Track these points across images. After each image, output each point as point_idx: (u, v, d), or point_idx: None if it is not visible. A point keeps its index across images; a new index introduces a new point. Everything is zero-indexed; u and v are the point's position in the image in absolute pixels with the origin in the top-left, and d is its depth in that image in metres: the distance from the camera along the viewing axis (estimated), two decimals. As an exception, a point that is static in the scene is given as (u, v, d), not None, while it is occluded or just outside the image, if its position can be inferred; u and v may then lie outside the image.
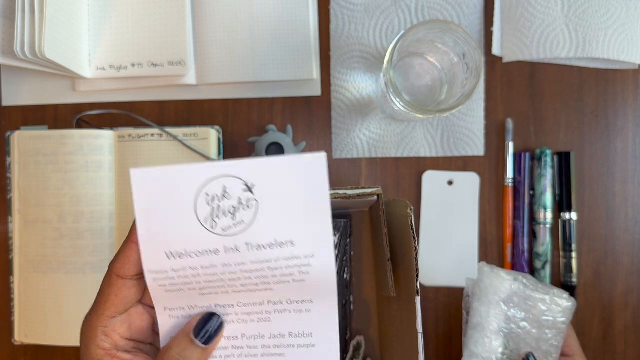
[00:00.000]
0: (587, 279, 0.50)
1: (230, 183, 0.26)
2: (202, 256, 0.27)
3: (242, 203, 0.26)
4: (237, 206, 0.26)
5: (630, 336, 0.50)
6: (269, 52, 0.50)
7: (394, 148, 0.51)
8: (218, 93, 0.51)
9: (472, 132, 0.51)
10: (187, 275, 0.27)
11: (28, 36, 0.43)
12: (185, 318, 0.29)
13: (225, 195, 0.26)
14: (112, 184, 0.50)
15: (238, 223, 0.26)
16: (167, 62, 0.50)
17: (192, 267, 0.27)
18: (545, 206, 0.49)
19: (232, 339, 0.30)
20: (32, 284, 0.50)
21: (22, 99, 0.52)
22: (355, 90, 0.51)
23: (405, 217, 0.42)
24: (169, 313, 0.29)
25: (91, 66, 0.50)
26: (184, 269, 0.27)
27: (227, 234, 0.27)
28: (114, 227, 0.50)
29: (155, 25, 0.50)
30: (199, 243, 0.27)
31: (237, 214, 0.26)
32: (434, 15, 0.50)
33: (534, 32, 0.49)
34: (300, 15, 0.50)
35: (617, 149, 0.50)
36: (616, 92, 0.51)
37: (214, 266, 0.27)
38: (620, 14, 0.48)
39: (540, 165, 0.49)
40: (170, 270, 0.27)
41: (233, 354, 0.30)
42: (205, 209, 0.26)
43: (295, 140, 0.51)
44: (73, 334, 0.49)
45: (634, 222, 0.50)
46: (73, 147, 0.49)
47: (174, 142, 0.50)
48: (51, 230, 0.49)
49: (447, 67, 0.46)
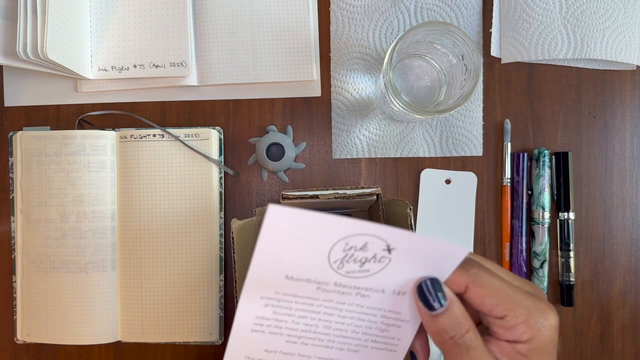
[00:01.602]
0: (584, 278, 0.51)
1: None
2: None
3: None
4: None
5: (628, 335, 0.51)
6: (270, 53, 0.51)
7: (393, 148, 0.51)
8: (219, 94, 0.52)
9: (470, 132, 0.51)
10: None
11: (30, 37, 0.43)
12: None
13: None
14: (114, 183, 0.50)
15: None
16: (168, 63, 0.50)
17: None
18: (543, 206, 0.49)
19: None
20: (35, 283, 0.50)
21: (24, 99, 0.53)
22: (355, 91, 0.51)
23: (405, 216, 0.42)
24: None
25: (93, 67, 0.51)
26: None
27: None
28: (116, 226, 0.50)
29: (157, 26, 0.50)
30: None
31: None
32: (433, 16, 0.51)
33: (532, 33, 0.50)
34: (300, 17, 0.51)
35: (615, 149, 0.51)
36: (614, 93, 0.51)
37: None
38: (618, 15, 0.49)
39: (538, 166, 0.50)
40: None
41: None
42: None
43: (296, 140, 0.52)
44: (75, 333, 0.49)
45: (632, 222, 0.51)
46: (75, 147, 0.49)
47: (176, 142, 0.50)
48: (53, 229, 0.49)
49: (445, 68, 0.47)
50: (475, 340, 0.27)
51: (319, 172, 0.52)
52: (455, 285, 0.28)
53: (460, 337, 0.27)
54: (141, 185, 0.50)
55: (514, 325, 0.27)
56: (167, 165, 0.50)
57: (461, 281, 0.28)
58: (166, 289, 0.49)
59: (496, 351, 0.28)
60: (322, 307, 0.29)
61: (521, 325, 0.27)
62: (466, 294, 0.28)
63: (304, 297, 0.28)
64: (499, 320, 0.27)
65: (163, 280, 0.50)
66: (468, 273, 0.28)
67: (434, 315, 0.28)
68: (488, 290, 0.27)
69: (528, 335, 0.27)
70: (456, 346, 0.27)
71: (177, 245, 0.50)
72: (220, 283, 0.50)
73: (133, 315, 0.50)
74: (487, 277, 0.28)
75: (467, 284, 0.28)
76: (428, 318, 0.28)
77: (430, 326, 0.28)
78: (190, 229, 0.50)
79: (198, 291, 0.49)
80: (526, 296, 0.27)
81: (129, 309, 0.50)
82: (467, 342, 0.27)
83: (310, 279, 0.27)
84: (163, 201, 0.50)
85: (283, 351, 0.30)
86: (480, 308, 0.28)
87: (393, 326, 0.29)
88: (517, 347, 0.27)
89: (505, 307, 0.27)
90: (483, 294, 0.27)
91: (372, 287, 0.28)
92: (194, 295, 0.49)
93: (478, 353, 0.27)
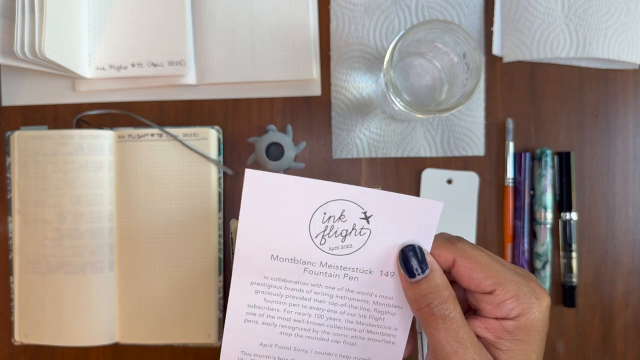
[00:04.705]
0: (587, 279, 0.50)
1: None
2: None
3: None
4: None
5: (631, 336, 0.50)
6: (269, 52, 0.50)
7: (394, 148, 0.51)
8: (218, 93, 0.51)
9: (472, 132, 0.50)
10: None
11: (28, 36, 0.43)
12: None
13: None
14: (112, 184, 0.50)
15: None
16: (167, 62, 0.50)
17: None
18: (545, 206, 0.49)
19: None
20: (32, 284, 0.50)
21: (21, 99, 0.52)
22: (355, 90, 0.51)
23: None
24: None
25: (91, 66, 0.50)
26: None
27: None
28: (114, 227, 0.50)
29: (155, 25, 0.50)
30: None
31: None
32: (434, 15, 0.50)
33: (534, 32, 0.49)
34: (300, 15, 0.50)
35: (618, 149, 0.50)
36: (616, 92, 0.50)
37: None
38: (621, 14, 0.48)
39: (540, 165, 0.49)
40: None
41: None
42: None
43: (295, 140, 0.51)
44: (73, 334, 0.49)
45: (635, 222, 0.50)
46: (73, 147, 0.49)
47: (174, 142, 0.50)
48: (51, 230, 0.49)
49: (447, 67, 0.46)
50: (454, 311, 0.26)
51: (319, 172, 0.51)
52: (442, 258, 0.27)
53: (437, 306, 0.26)
54: (139, 186, 0.49)
55: (503, 301, 0.26)
56: (166, 165, 0.49)
57: (448, 254, 0.27)
58: (164, 290, 0.49)
59: (481, 327, 0.27)
60: (312, 292, 0.29)
61: (510, 301, 0.26)
62: (453, 268, 0.27)
63: (293, 282, 0.28)
64: (487, 296, 0.27)
65: (161, 281, 0.49)
66: (455, 246, 0.27)
67: (413, 282, 0.27)
68: (476, 263, 0.27)
69: (517, 311, 0.26)
70: (432, 315, 0.26)
71: (176, 246, 0.49)
72: (219, 284, 0.49)
73: (131, 316, 0.49)
74: (474, 251, 0.27)
75: (454, 257, 0.27)
76: (407, 285, 0.27)
77: (408, 293, 0.27)
78: (188, 229, 0.49)
79: (197, 292, 0.49)
80: (515, 273, 0.27)
81: (127, 310, 0.49)
82: (444, 312, 0.26)
83: (295, 258, 0.28)
84: (161, 201, 0.49)
85: (279, 345, 0.30)
86: (467, 284, 0.27)
87: (387, 314, 0.29)
88: (504, 323, 0.26)
89: (494, 281, 0.26)
90: (471, 267, 0.27)
91: (359, 266, 0.28)
92: (192, 297, 0.49)
93: (455, 325, 0.26)
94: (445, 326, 0.26)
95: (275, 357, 0.30)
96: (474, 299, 0.28)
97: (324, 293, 0.29)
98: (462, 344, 0.26)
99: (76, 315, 0.49)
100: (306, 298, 0.29)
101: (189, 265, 0.49)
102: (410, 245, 0.27)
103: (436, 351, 0.27)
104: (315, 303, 0.29)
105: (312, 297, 0.29)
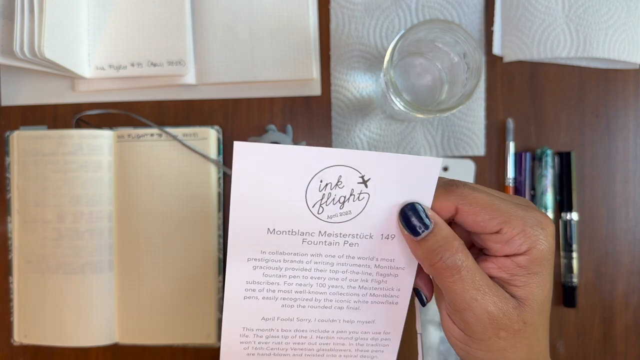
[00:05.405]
0: (587, 279, 0.50)
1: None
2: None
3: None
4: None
5: (631, 336, 0.50)
6: (269, 51, 0.50)
7: (394, 148, 0.51)
8: (218, 93, 0.51)
9: (472, 132, 0.50)
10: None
11: (27, 36, 0.43)
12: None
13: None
14: (111, 184, 0.50)
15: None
16: (166, 61, 0.50)
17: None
18: (546, 206, 0.49)
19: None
20: (31, 284, 0.49)
21: (21, 98, 0.52)
22: (356, 90, 0.51)
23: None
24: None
25: (90, 66, 0.50)
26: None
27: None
28: (113, 227, 0.50)
29: (155, 24, 0.50)
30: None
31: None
32: (434, 14, 0.50)
33: (534, 31, 0.49)
34: (300, 15, 0.50)
35: (618, 149, 0.50)
36: (617, 92, 0.50)
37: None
38: (621, 14, 0.48)
39: (540, 165, 0.49)
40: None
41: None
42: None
43: (295, 140, 0.51)
44: (72, 334, 0.49)
45: (635, 223, 0.50)
46: (72, 147, 0.49)
47: (174, 142, 0.49)
48: (50, 230, 0.49)
49: (447, 66, 0.46)
50: (466, 260, 0.26)
51: (319, 172, 0.51)
52: (444, 210, 0.27)
53: (449, 258, 0.26)
54: (139, 186, 0.49)
55: (511, 237, 0.26)
56: (165, 165, 0.49)
57: (449, 204, 0.27)
58: (164, 290, 0.49)
59: (494, 268, 0.27)
60: (312, 262, 0.28)
61: (518, 236, 0.26)
62: (457, 216, 0.27)
63: (292, 254, 0.28)
64: (495, 236, 0.26)
65: (161, 281, 0.49)
66: (455, 194, 0.27)
67: (419, 240, 0.27)
68: (479, 207, 0.26)
69: (526, 245, 0.26)
70: (446, 268, 0.26)
71: (175, 246, 0.49)
72: (218, 284, 0.49)
73: (130, 317, 0.49)
74: (475, 194, 0.27)
75: (455, 205, 0.27)
76: (414, 244, 0.27)
77: (417, 252, 0.27)
78: (188, 229, 0.49)
79: (196, 292, 0.49)
80: (519, 207, 0.26)
81: (126, 310, 0.49)
82: (457, 263, 0.26)
83: (293, 229, 0.27)
84: (161, 201, 0.49)
85: (281, 317, 0.29)
86: (473, 227, 0.27)
87: (389, 276, 0.29)
88: (516, 259, 0.26)
89: (499, 221, 0.26)
90: (474, 212, 0.26)
91: (359, 232, 0.27)
92: (192, 297, 0.49)
93: (470, 273, 0.26)
94: (461, 276, 0.26)
95: (278, 329, 0.29)
96: (480, 239, 0.28)
97: (324, 262, 0.28)
98: (480, 290, 0.26)
99: (75, 316, 0.49)
100: (306, 269, 0.28)
101: (188, 266, 0.49)
102: (409, 204, 0.27)
103: (455, 303, 0.26)
104: (316, 273, 0.28)
105: (312, 267, 0.28)
